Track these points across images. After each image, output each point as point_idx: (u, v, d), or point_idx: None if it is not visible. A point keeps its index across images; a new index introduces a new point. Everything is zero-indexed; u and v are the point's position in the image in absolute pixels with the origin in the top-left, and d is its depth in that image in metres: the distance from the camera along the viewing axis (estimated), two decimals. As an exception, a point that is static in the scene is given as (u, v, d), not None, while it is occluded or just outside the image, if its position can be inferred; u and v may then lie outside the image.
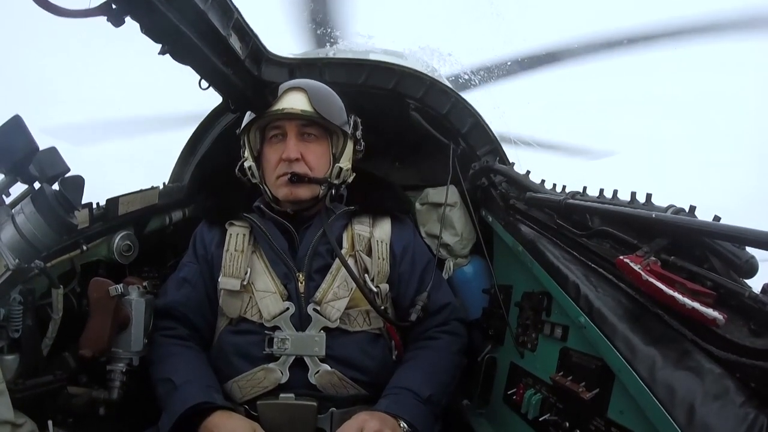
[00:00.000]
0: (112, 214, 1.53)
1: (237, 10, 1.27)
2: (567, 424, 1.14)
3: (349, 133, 1.54)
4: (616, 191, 1.23)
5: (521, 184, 1.56)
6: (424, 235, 1.90)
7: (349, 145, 1.56)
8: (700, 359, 0.83)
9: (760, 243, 0.79)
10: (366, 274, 1.48)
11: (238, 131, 1.56)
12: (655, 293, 0.92)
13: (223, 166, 1.66)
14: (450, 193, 1.80)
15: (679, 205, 1.03)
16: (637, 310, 1.00)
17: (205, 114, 1.90)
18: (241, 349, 1.41)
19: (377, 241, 1.54)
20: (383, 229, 1.57)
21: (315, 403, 1.32)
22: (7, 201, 1.11)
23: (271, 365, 1.37)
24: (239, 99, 1.50)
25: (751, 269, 0.90)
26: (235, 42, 1.31)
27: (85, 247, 1.42)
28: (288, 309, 1.41)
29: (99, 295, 1.31)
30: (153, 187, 1.75)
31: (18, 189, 1.12)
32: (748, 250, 0.91)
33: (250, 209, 1.57)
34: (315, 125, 1.48)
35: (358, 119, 1.60)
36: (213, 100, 1.76)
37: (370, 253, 1.52)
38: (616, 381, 0.99)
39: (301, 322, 1.41)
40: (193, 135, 1.93)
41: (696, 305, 0.84)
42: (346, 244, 1.52)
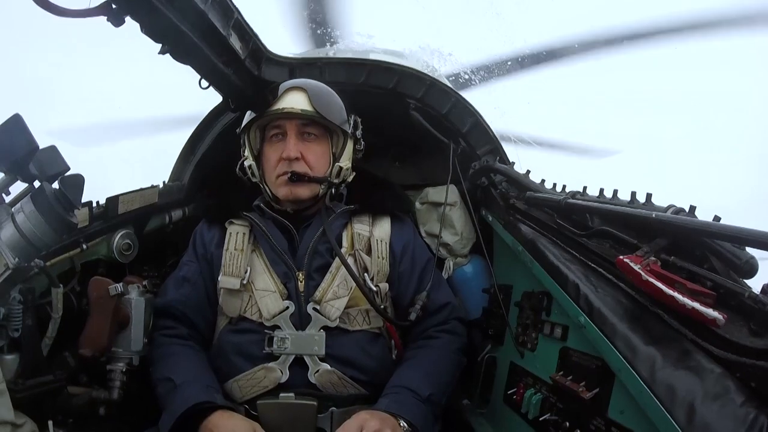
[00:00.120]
0: (111, 212, 1.53)
1: (237, 10, 1.27)
2: (567, 424, 1.14)
3: (349, 132, 1.54)
4: (616, 191, 1.23)
5: (521, 184, 1.56)
6: (424, 234, 1.90)
7: (349, 144, 1.56)
8: (700, 359, 0.84)
9: (760, 243, 0.79)
10: (365, 273, 1.48)
11: (238, 130, 1.56)
12: (655, 293, 0.92)
13: (223, 165, 1.66)
14: (450, 193, 1.80)
15: (679, 205, 1.03)
16: (637, 310, 1.00)
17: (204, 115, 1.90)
18: (241, 348, 1.41)
19: (377, 240, 1.54)
20: (383, 229, 1.57)
21: (315, 403, 1.32)
22: (7, 200, 1.11)
23: (270, 364, 1.37)
24: (239, 98, 1.50)
25: (750, 269, 0.90)
26: (235, 42, 1.31)
27: (84, 246, 1.42)
28: (288, 308, 1.41)
29: (99, 294, 1.30)
30: (153, 186, 1.74)
31: (18, 188, 1.12)
32: (748, 250, 0.91)
33: (250, 208, 1.57)
34: (315, 125, 1.49)
35: (359, 119, 1.60)
36: (213, 101, 1.76)
37: (369, 252, 1.52)
38: (616, 381, 0.99)
39: (300, 321, 1.41)
40: (193, 134, 1.93)
41: (696, 305, 0.85)
42: (345, 243, 1.52)
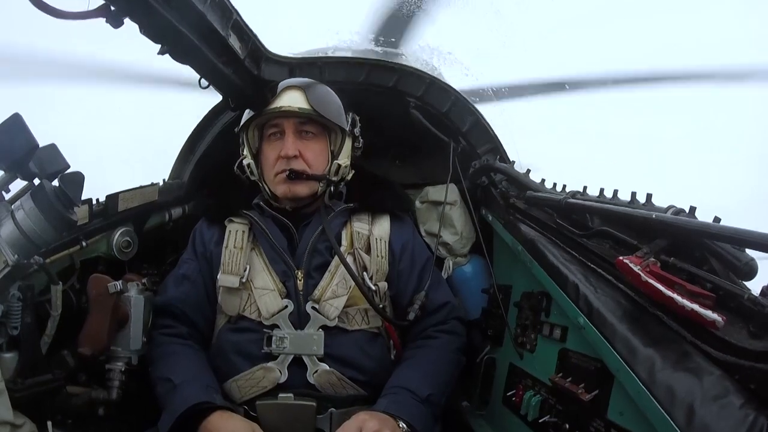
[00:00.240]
0: (111, 210, 1.53)
1: (236, 10, 1.27)
2: (567, 426, 1.13)
3: (347, 130, 1.54)
4: (616, 191, 1.23)
5: (521, 183, 1.55)
6: (424, 233, 1.90)
7: (348, 142, 1.56)
8: (700, 361, 0.83)
9: (760, 245, 0.79)
10: (365, 272, 1.47)
11: (237, 129, 1.56)
12: (655, 294, 0.92)
13: (223, 163, 1.66)
14: (450, 192, 1.79)
15: (679, 205, 1.03)
16: (636, 312, 1.00)
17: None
18: (240, 348, 1.41)
19: (376, 239, 1.54)
20: (382, 227, 1.57)
21: (314, 403, 1.32)
22: (7, 197, 1.11)
23: (269, 364, 1.37)
24: (239, 97, 1.50)
25: (750, 271, 0.90)
26: (234, 42, 1.31)
27: (84, 243, 1.42)
28: (287, 307, 1.41)
29: (98, 292, 1.30)
30: (153, 184, 1.74)
31: (18, 186, 1.12)
32: (748, 252, 0.91)
33: (250, 206, 1.57)
34: (313, 123, 1.49)
35: (357, 117, 1.60)
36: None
37: (368, 251, 1.52)
38: (616, 382, 0.99)
39: (299, 320, 1.41)
40: (193, 133, 1.93)
41: (695, 307, 0.85)
42: (345, 241, 1.52)
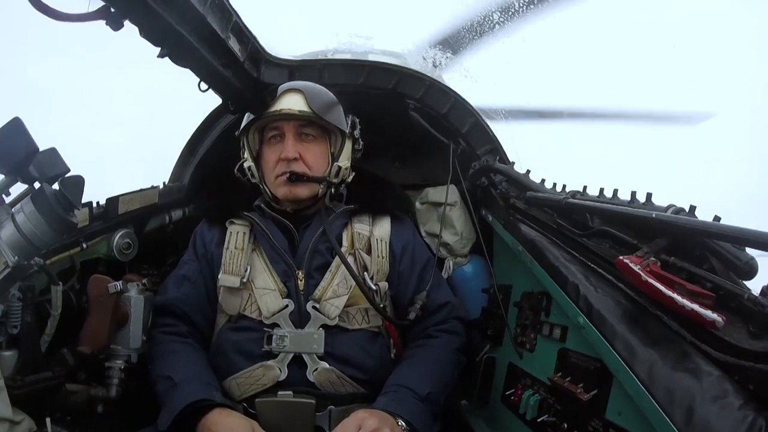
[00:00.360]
0: (112, 212, 1.54)
1: (235, 12, 1.27)
2: (565, 425, 1.13)
3: (347, 132, 1.54)
4: (616, 191, 1.23)
5: (521, 184, 1.55)
6: (424, 234, 1.90)
7: (348, 144, 1.56)
8: (699, 361, 0.83)
9: (760, 244, 0.79)
10: (365, 272, 1.48)
11: (237, 132, 1.57)
12: (655, 294, 0.92)
13: (223, 166, 1.66)
14: (450, 193, 1.80)
15: (679, 204, 1.02)
16: (636, 311, 1.00)
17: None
18: (240, 346, 1.42)
19: (377, 239, 1.54)
20: (383, 228, 1.57)
21: (313, 401, 1.33)
22: (7, 200, 1.12)
23: (269, 362, 1.37)
24: (239, 100, 1.50)
25: (750, 271, 0.90)
26: (234, 44, 1.31)
27: (84, 245, 1.42)
28: (287, 306, 1.41)
29: (98, 292, 1.31)
30: (153, 187, 1.75)
31: (18, 189, 1.13)
32: (748, 251, 0.91)
33: (251, 208, 1.57)
34: (313, 125, 1.49)
35: (356, 119, 1.61)
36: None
37: (369, 251, 1.52)
38: (615, 382, 0.99)
39: (300, 319, 1.41)
40: (193, 136, 1.94)
41: (695, 307, 0.84)
42: (345, 242, 1.52)
